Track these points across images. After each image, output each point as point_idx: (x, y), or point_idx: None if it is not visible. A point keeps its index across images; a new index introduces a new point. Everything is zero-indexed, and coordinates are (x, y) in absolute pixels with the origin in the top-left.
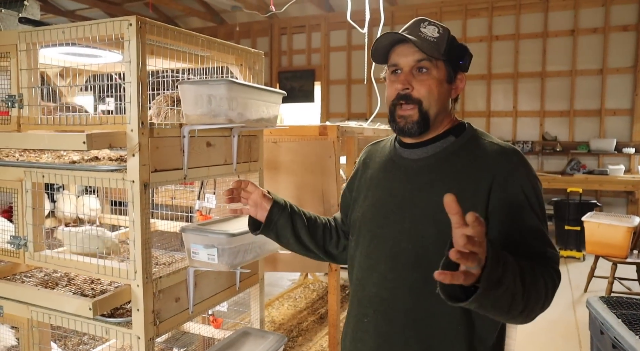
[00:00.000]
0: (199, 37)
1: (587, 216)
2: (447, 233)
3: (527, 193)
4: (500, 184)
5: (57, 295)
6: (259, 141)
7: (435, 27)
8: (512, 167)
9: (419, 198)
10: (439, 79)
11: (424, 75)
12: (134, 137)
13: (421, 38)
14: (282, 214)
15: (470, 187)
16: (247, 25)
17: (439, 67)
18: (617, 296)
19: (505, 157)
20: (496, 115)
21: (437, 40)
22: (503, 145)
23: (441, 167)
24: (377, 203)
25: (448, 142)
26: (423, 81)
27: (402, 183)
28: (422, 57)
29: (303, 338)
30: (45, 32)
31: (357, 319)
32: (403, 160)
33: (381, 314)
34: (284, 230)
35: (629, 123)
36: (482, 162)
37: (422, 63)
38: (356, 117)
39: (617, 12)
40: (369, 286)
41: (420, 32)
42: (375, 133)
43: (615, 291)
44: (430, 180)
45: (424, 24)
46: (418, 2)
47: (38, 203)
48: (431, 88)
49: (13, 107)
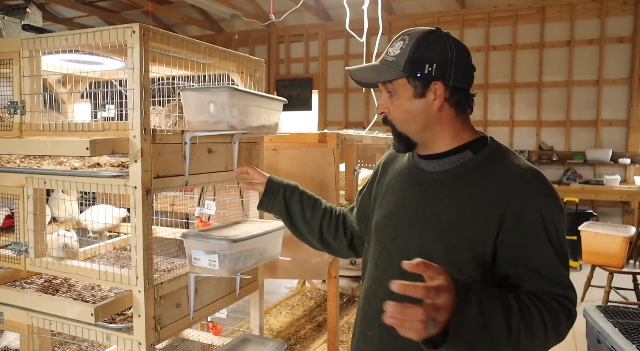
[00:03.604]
0: (201, 45)
1: (584, 225)
2: (454, 254)
3: (546, 223)
4: (515, 213)
5: (59, 300)
6: (259, 148)
7: (402, 42)
8: (531, 193)
9: (431, 215)
10: (406, 98)
11: (393, 97)
12: (137, 143)
13: (382, 61)
14: (273, 204)
15: (483, 212)
16: (245, 34)
17: (402, 84)
18: (614, 306)
19: (523, 181)
20: (493, 124)
21: (396, 58)
22: (524, 167)
23: (455, 185)
24: (391, 215)
25: (465, 158)
26: (393, 103)
27: (415, 195)
28: (383, 81)
29: (301, 346)
30: (48, 39)
31: (361, 330)
32: (420, 171)
33: (386, 330)
34: (281, 216)
35: (624, 134)
36: (498, 186)
37: (387, 86)
38: (354, 126)
39: (612, 24)
40: (376, 299)
41: (386, 55)
42: (374, 141)
43: (612, 300)
44: (443, 197)
45: (396, 41)
46: (415, 12)
47: (39, 209)
48: (399, 109)
49: (15, 113)
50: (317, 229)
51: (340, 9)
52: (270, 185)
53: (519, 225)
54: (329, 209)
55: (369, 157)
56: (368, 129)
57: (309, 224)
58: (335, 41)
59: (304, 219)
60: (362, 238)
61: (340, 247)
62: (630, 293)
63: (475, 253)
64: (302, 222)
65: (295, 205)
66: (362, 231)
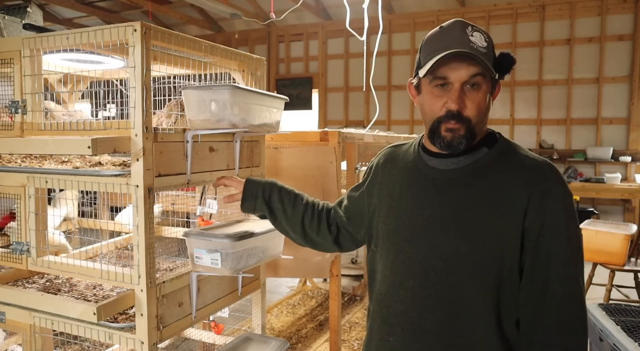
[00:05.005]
0: (202, 43)
1: (585, 223)
2: (480, 251)
3: (567, 210)
4: (536, 204)
5: (61, 300)
6: (260, 146)
7: (481, 34)
8: (550, 184)
9: (451, 214)
10: (486, 94)
11: (475, 91)
12: (139, 142)
13: (473, 49)
14: (255, 205)
15: (506, 204)
16: (245, 33)
17: (487, 80)
18: (615, 303)
19: (542, 173)
20: (493, 123)
21: (487, 51)
22: (539, 160)
23: (474, 180)
24: (404, 216)
25: (480, 154)
26: (474, 99)
27: (430, 195)
28: (476, 72)
29: (302, 345)
30: (49, 38)
31: (380, 337)
32: (430, 169)
33: (410, 333)
34: (266, 216)
35: (625, 132)
36: (518, 178)
37: (475, 79)
38: (354, 125)
39: (612, 22)
40: (396, 303)
41: (471, 42)
42: (376, 140)
43: (613, 298)
44: (462, 194)
45: (469, 30)
46: (415, 11)
47: (41, 208)
48: (480, 105)
49: (17, 112)
50: (299, 225)
51: (340, 8)
52: (248, 188)
53: (539, 215)
54: (310, 204)
55: (370, 155)
56: (368, 128)
57: (291, 220)
58: (335, 40)
59: (286, 216)
60: (351, 233)
61: (323, 243)
62: (632, 291)
63: (502, 248)
64: (284, 218)
65: (276, 202)
66: (353, 226)
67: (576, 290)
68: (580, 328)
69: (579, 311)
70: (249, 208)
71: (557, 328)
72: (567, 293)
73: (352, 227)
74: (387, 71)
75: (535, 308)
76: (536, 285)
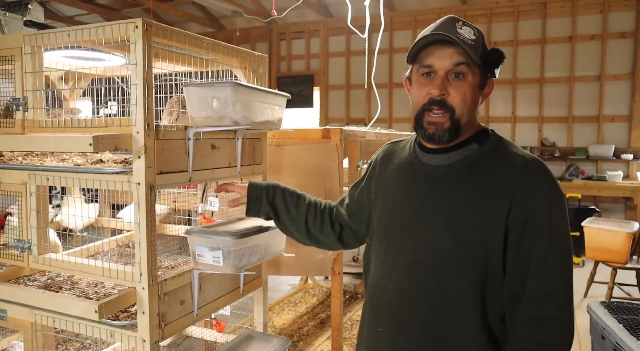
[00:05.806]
0: (204, 40)
1: (587, 221)
2: (465, 246)
3: (552, 210)
4: (521, 201)
5: (63, 297)
6: (262, 144)
7: (471, 29)
8: (536, 182)
9: (439, 209)
10: (473, 86)
11: (460, 81)
12: (140, 139)
13: (459, 39)
14: (260, 208)
15: (492, 201)
16: (246, 31)
17: (474, 72)
18: (618, 302)
19: (529, 171)
20: (495, 121)
21: (474, 43)
22: (527, 158)
23: (463, 176)
24: (396, 210)
25: (471, 150)
26: (458, 88)
27: (422, 190)
28: (460, 60)
29: (304, 343)
30: (50, 35)
31: (370, 328)
32: (423, 165)
33: (396, 324)
34: (270, 217)
35: (627, 130)
36: (505, 176)
37: (460, 67)
38: (355, 122)
39: (614, 19)
40: (384, 295)
41: (457, 33)
42: (377, 137)
43: (615, 296)
44: (450, 189)
45: (458, 24)
46: (417, 8)
47: (42, 206)
48: (465, 95)
49: (18, 110)
50: (302, 224)
51: (341, 5)
52: (251, 192)
53: (525, 213)
54: (313, 203)
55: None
56: (370, 126)
57: (295, 220)
58: (336, 38)
59: (290, 216)
60: (354, 230)
61: (327, 241)
62: (634, 289)
63: (486, 244)
64: (288, 219)
65: (280, 203)
66: (355, 223)
67: (555, 289)
68: (556, 326)
69: (557, 310)
70: (254, 211)
71: (529, 323)
72: (545, 292)
73: (355, 224)
74: (388, 69)
75: (513, 305)
76: (515, 282)
